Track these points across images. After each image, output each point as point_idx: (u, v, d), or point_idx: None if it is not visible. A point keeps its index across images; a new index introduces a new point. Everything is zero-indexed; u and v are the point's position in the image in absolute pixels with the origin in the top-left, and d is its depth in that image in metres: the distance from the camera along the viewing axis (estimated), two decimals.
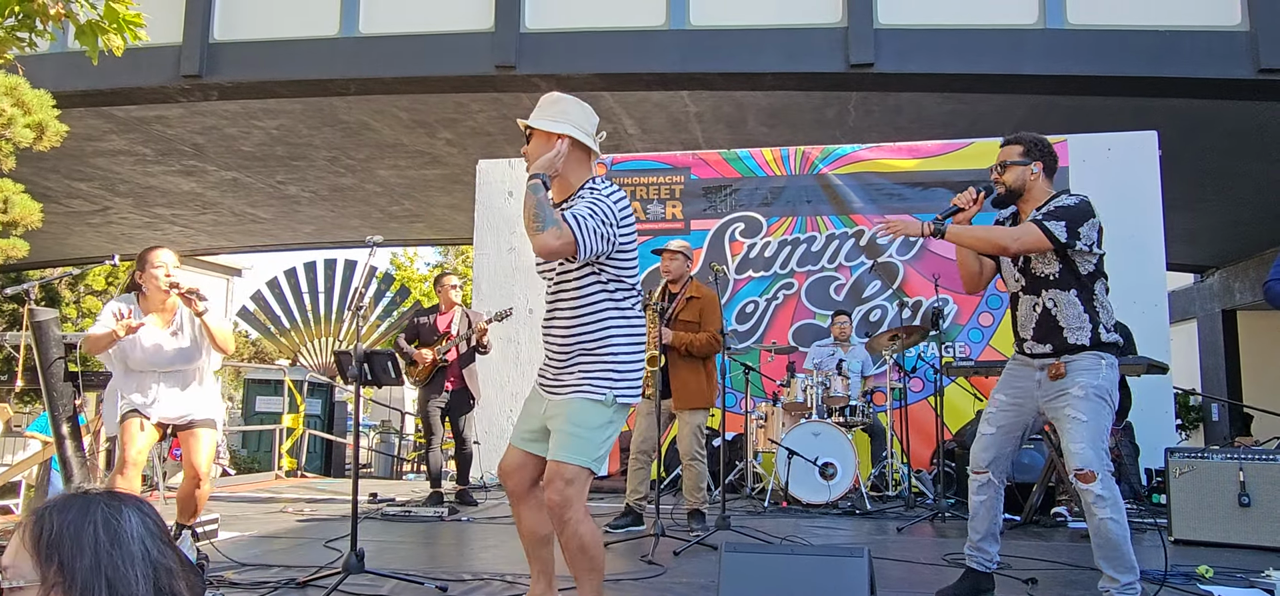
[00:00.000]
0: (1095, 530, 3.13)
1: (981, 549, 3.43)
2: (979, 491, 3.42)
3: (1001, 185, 3.38)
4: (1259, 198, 11.94)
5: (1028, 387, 3.34)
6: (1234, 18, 8.29)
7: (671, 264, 5.48)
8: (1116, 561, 3.10)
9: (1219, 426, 15.57)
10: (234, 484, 8.48)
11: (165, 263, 4.10)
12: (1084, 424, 3.10)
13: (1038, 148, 3.36)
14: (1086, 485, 3.08)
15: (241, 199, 13.55)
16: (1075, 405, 3.14)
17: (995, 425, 3.40)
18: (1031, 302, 3.30)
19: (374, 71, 9.24)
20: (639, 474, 5.43)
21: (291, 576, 3.87)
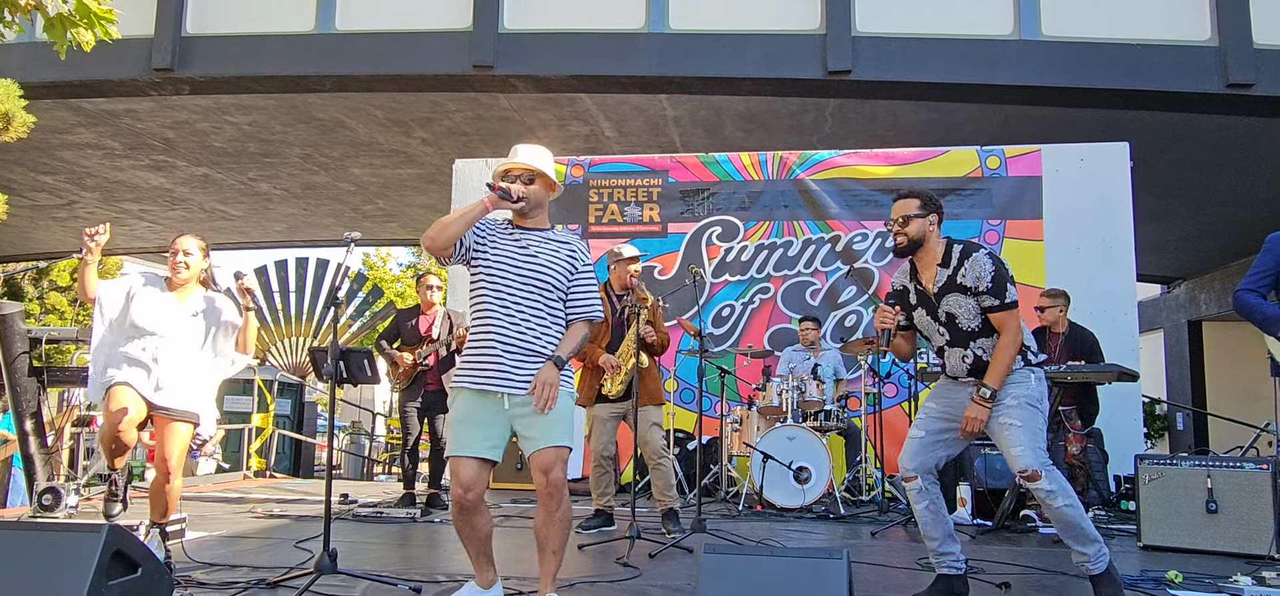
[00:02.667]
0: (1056, 517, 3.33)
1: (944, 553, 3.52)
2: (918, 498, 3.52)
3: (904, 237, 3.52)
4: (1225, 211, 12.16)
5: (960, 400, 3.49)
6: (1204, 33, 8.44)
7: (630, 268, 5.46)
8: (1081, 538, 3.33)
9: (1184, 435, 15.82)
10: (199, 484, 8.34)
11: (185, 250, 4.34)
12: (1020, 429, 3.32)
13: (932, 201, 3.56)
14: (1035, 482, 3.28)
15: (212, 195, 13.36)
16: (1009, 414, 3.35)
17: (924, 430, 3.55)
18: (960, 354, 3.49)
19: (350, 69, 9.15)
20: (604, 478, 5.42)
21: (262, 577, 3.80)
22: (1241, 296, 4.20)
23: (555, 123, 10.28)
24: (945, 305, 3.47)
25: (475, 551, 3.24)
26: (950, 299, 3.45)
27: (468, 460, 3.12)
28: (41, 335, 5.38)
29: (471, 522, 3.17)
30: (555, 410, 3.13)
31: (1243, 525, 4.73)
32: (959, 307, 3.43)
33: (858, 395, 7.21)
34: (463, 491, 3.11)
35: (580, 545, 4.84)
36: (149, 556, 3.05)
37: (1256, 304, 4.14)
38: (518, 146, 3.50)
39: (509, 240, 3.35)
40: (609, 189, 8.63)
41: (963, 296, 3.42)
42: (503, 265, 3.26)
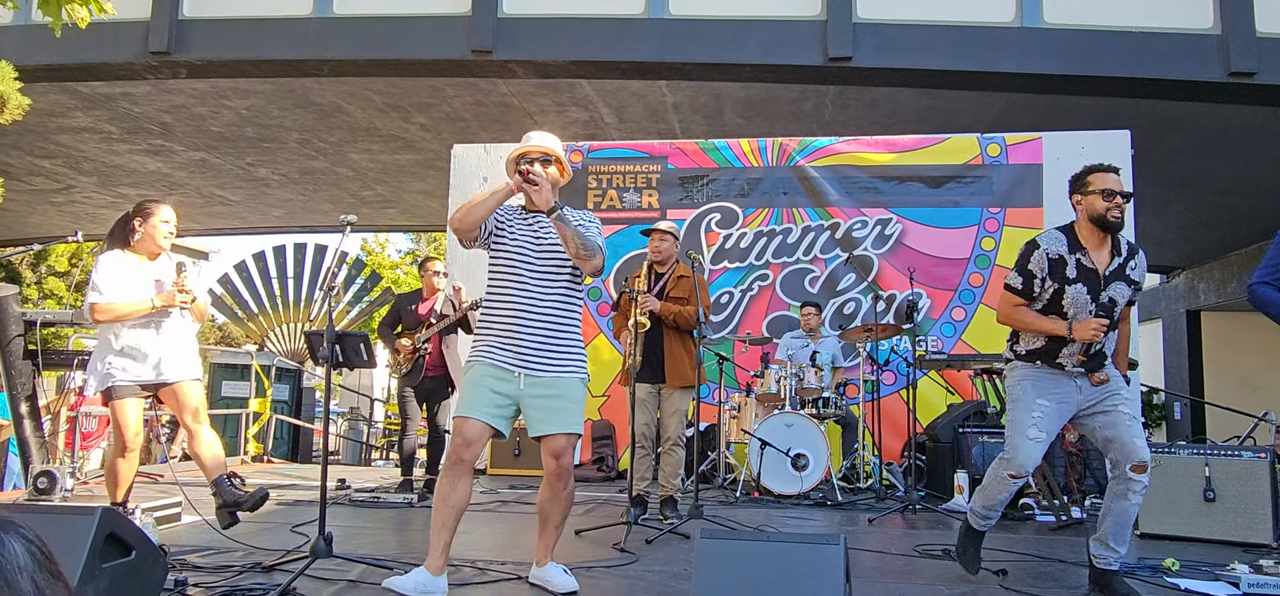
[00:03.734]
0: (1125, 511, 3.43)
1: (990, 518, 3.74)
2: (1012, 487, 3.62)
3: (1119, 212, 3.45)
4: (1225, 201, 12.13)
5: (1069, 393, 3.53)
6: (1206, 21, 8.40)
7: (661, 245, 5.47)
8: (1126, 537, 3.49)
9: (1182, 424, 15.84)
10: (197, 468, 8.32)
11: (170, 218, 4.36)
12: (1139, 423, 3.50)
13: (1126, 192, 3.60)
14: (1141, 475, 3.40)
15: (210, 180, 13.32)
16: (1129, 405, 3.53)
17: (1045, 432, 3.51)
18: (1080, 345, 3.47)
19: (347, 53, 9.09)
20: (645, 460, 5.37)
21: (257, 560, 3.79)
22: (1257, 289, 4.17)
23: (554, 108, 10.23)
24: (1111, 290, 3.47)
25: (441, 524, 3.26)
26: (1116, 286, 3.48)
27: (475, 420, 3.24)
28: (37, 318, 5.36)
29: (457, 484, 3.26)
30: (568, 397, 3.31)
31: (1240, 513, 4.73)
32: (1120, 296, 3.50)
33: (856, 382, 7.20)
34: (463, 445, 3.23)
35: (578, 531, 4.83)
36: (143, 539, 3.04)
37: (1270, 297, 4.10)
38: (532, 132, 3.59)
39: (524, 225, 3.45)
40: (608, 175, 8.60)
41: (1126, 287, 3.51)
42: (521, 248, 3.38)
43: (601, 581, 3.67)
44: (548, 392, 3.28)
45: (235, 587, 3.35)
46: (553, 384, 3.30)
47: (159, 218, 4.33)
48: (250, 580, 3.48)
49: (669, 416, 5.34)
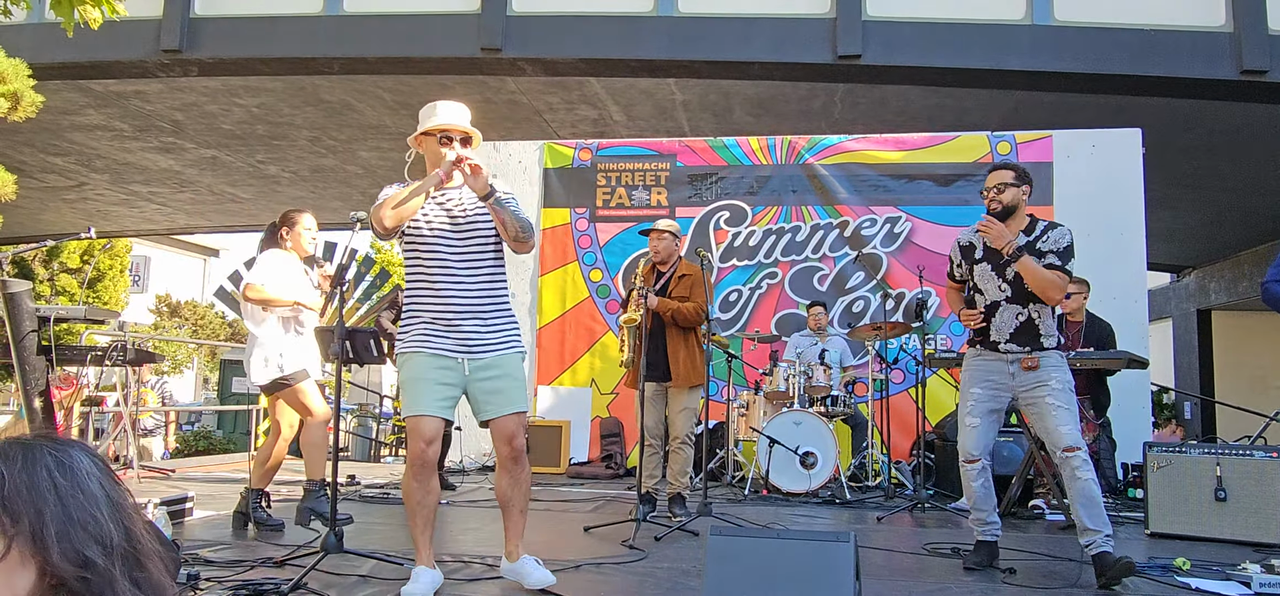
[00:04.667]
0: (1082, 491, 3.61)
1: (990, 522, 3.91)
2: (977, 476, 3.88)
3: (999, 204, 3.85)
4: (1236, 199, 12.06)
5: (1000, 378, 3.84)
6: (1218, 18, 8.35)
7: (660, 244, 5.46)
8: (1098, 515, 3.61)
9: (1192, 424, 15.76)
10: (209, 463, 8.38)
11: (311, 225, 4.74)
12: (1064, 410, 3.68)
13: (1025, 175, 3.92)
14: (1074, 456, 3.62)
15: (220, 177, 13.38)
16: (1055, 396, 3.70)
17: (978, 417, 3.87)
18: (1015, 311, 3.80)
19: (357, 51, 9.13)
20: (654, 458, 5.37)
21: (268, 555, 3.82)
22: (1271, 287, 4.18)
23: (563, 106, 10.25)
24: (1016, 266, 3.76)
25: (424, 522, 3.24)
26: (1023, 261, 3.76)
27: (428, 418, 3.16)
28: (50, 314, 5.39)
29: (427, 484, 3.22)
30: (512, 375, 3.25)
31: (1252, 513, 4.71)
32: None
33: (865, 381, 7.19)
34: (425, 445, 3.14)
35: (587, 527, 4.85)
36: (157, 533, 3.06)
37: None
38: (439, 104, 3.35)
39: (435, 206, 3.26)
40: (617, 173, 8.61)
41: (1036, 261, 3.73)
42: (438, 232, 3.22)
43: (611, 577, 3.68)
44: (492, 373, 3.21)
45: (247, 582, 3.37)
46: (496, 363, 3.23)
47: (303, 225, 4.69)
48: (262, 575, 3.50)
49: (676, 414, 5.33)
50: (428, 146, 3.32)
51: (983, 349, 3.88)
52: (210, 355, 21.23)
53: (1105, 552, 3.56)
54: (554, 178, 8.71)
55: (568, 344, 8.40)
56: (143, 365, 8.11)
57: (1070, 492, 3.68)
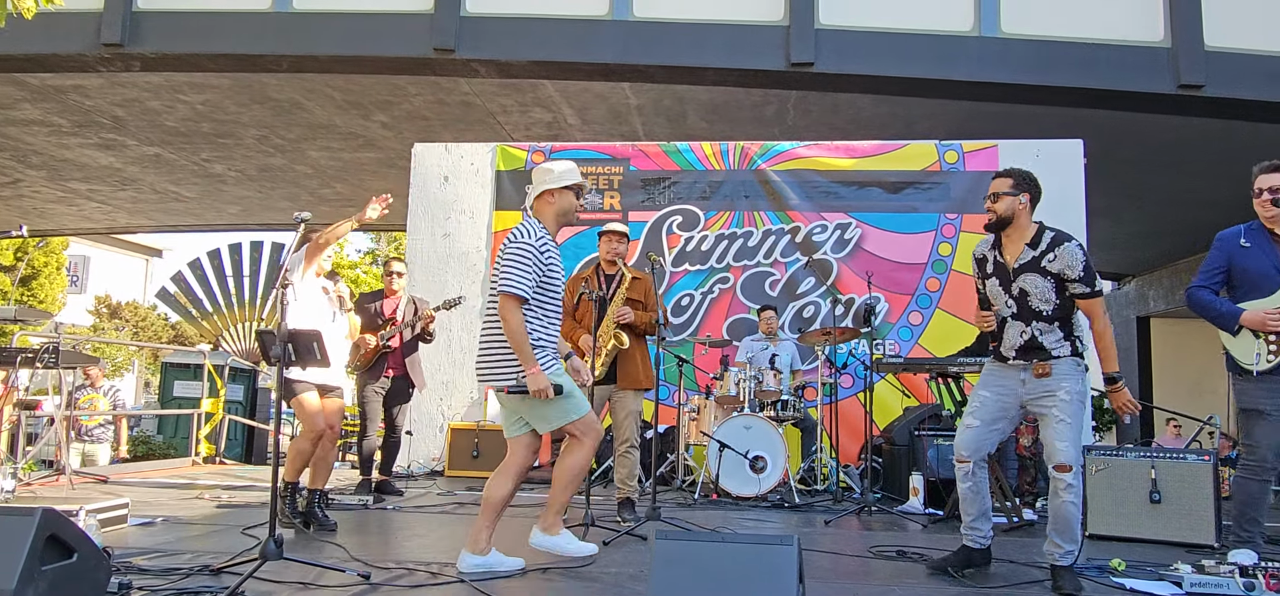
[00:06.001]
0: (1062, 509, 3.57)
1: (975, 527, 3.84)
2: (965, 479, 3.81)
3: (993, 214, 3.76)
4: (1174, 210, 12.42)
5: (1011, 385, 3.75)
6: (1157, 34, 8.60)
7: (619, 246, 5.47)
8: (1071, 534, 3.60)
9: (1131, 429, 16.18)
10: (148, 469, 8.15)
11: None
12: (1070, 425, 3.58)
13: (1026, 181, 3.77)
14: (1065, 475, 3.55)
15: (163, 176, 13.05)
16: (1063, 409, 3.60)
17: (980, 419, 3.78)
18: (1020, 328, 3.72)
19: (307, 49, 8.97)
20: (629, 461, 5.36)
21: (206, 563, 3.72)
22: (1195, 292, 4.28)
23: (517, 108, 10.19)
24: (1020, 281, 3.69)
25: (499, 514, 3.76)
26: (1027, 277, 3.67)
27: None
28: None
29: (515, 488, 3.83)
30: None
31: (1185, 515, 4.84)
32: (1033, 287, 3.66)
33: (814, 385, 7.25)
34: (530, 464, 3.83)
35: None
36: (85, 541, 2.97)
37: (1210, 301, 4.22)
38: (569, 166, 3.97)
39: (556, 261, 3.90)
40: None
41: (1042, 278, 3.64)
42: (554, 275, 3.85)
43: (557, 582, 3.65)
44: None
45: (182, 590, 3.28)
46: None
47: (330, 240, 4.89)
48: (197, 583, 3.41)
49: (622, 418, 5.32)
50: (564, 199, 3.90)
51: (996, 360, 3.83)
52: (152, 358, 20.71)
53: (1066, 567, 3.59)
54: (506, 180, 8.66)
55: None
56: (80, 367, 7.88)
57: (1050, 504, 3.66)
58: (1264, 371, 4.01)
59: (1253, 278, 4.12)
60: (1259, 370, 4.02)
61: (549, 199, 3.86)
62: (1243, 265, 4.15)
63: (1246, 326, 4.05)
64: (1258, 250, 4.12)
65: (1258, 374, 4.02)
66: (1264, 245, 4.12)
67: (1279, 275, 4.06)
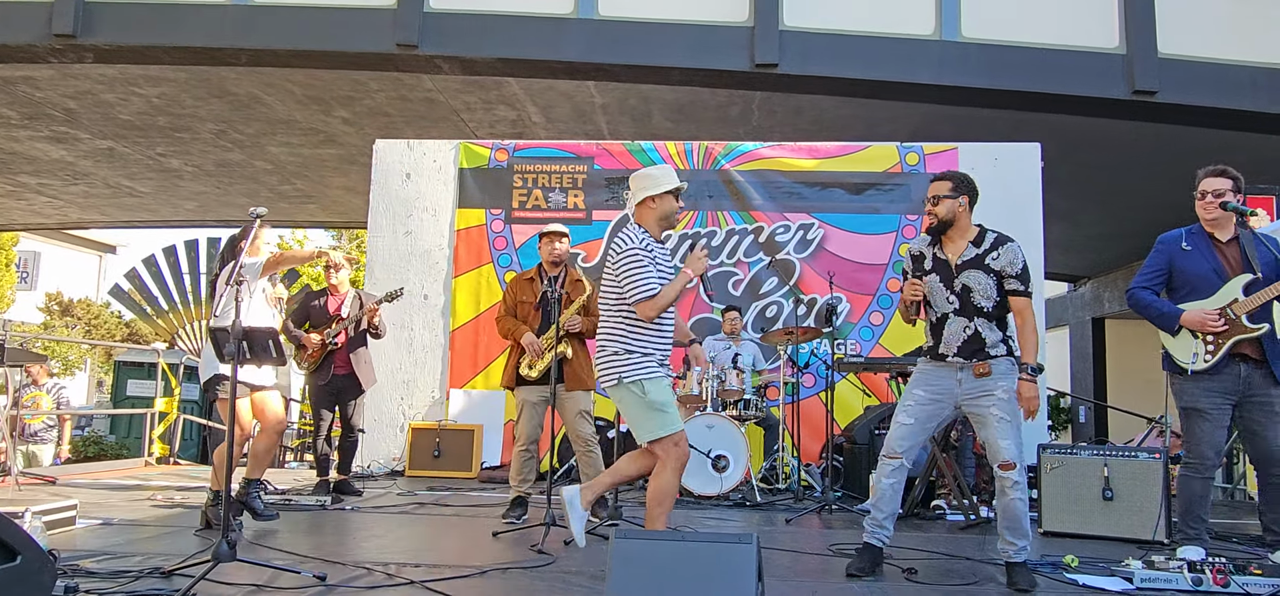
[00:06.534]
0: (1009, 507, 3.64)
1: (884, 526, 3.85)
2: (891, 474, 3.85)
3: (934, 217, 3.83)
4: (1129, 213, 12.68)
5: (947, 385, 3.79)
6: (1112, 40, 8.77)
7: (562, 246, 5.47)
8: (1020, 531, 3.65)
9: (1086, 428, 16.50)
10: (99, 470, 7.97)
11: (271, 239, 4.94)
12: (1010, 423, 3.66)
13: (964, 183, 3.84)
14: (1009, 473, 3.63)
15: (117, 170, 12.77)
16: (1001, 408, 3.66)
17: (913, 417, 3.83)
18: (962, 324, 3.76)
19: (266, 43, 8.82)
20: (529, 464, 5.35)
21: (156, 565, 3.64)
22: (1136, 293, 4.37)
23: (481, 106, 10.12)
24: (963, 278, 3.76)
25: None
26: (971, 274, 3.75)
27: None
28: None
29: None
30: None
31: (1136, 512, 4.94)
32: (976, 284, 3.73)
33: (776, 385, 7.28)
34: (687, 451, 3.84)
35: (495, 533, 4.78)
36: (30, 544, 2.89)
37: (1151, 301, 4.31)
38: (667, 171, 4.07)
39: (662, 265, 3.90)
40: (534, 174, 8.55)
41: (985, 275, 3.72)
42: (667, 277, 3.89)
43: (517, 582, 3.63)
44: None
45: (131, 594, 3.21)
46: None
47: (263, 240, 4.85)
48: (147, 586, 3.34)
49: (573, 418, 5.29)
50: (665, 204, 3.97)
51: (932, 360, 3.86)
52: (105, 356, 20.27)
53: (1020, 563, 3.64)
54: (469, 178, 8.59)
55: (481, 347, 8.28)
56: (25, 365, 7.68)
57: (999, 503, 3.70)
58: (1200, 371, 4.10)
59: (1193, 280, 4.21)
60: (1195, 369, 4.10)
61: (650, 204, 3.93)
62: (1183, 267, 4.24)
63: (1187, 327, 4.14)
64: (1198, 253, 4.21)
65: (1192, 373, 4.11)
66: (1204, 248, 4.22)
67: (1218, 278, 4.15)
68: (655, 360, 3.82)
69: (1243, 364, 4.08)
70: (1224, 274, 4.15)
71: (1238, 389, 4.09)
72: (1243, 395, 4.10)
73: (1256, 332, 4.04)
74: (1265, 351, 4.06)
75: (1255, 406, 4.10)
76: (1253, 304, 4.02)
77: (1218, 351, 4.07)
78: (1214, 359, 4.07)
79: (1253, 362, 4.08)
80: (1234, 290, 4.09)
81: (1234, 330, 4.05)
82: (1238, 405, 4.13)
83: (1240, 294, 4.07)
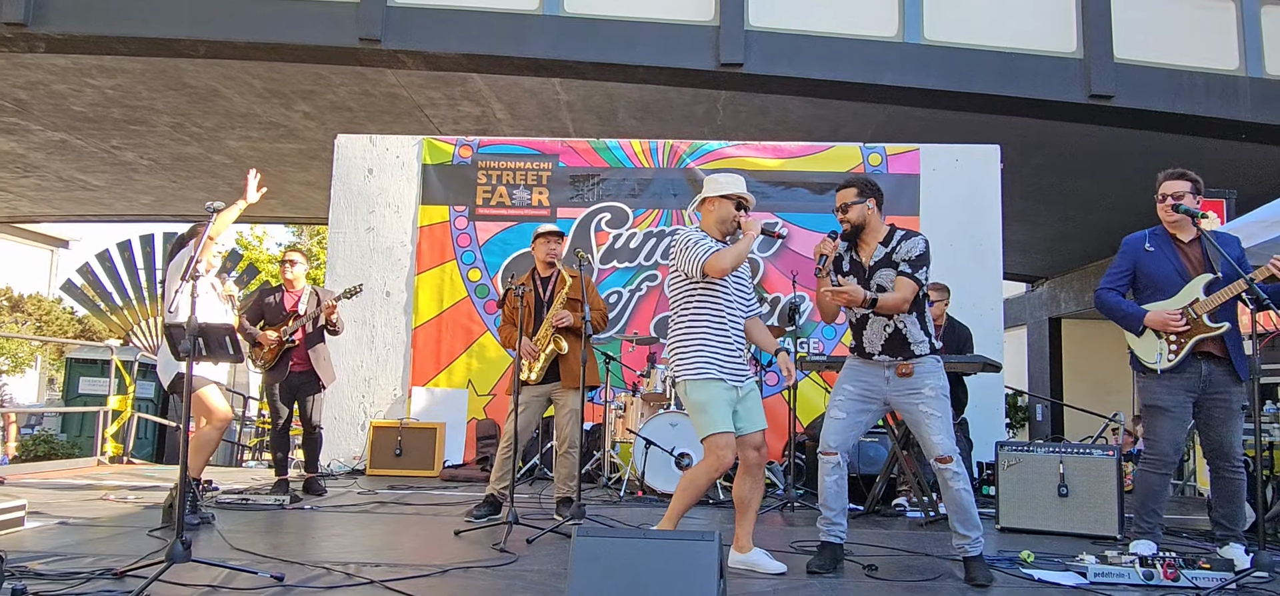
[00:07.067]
0: (954, 498, 3.72)
1: (836, 522, 3.92)
2: (832, 471, 3.92)
3: (848, 223, 3.94)
4: (1085, 215, 12.93)
5: (875, 382, 3.90)
6: (1070, 45, 8.94)
7: (556, 246, 5.46)
8: (969, 521, 3.71)
9: (1043, 425, 16.80)
10: (49, 469, 7.78)
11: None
12: (939, 418, 3.75)
13: (869, 187, 3.96)
14: (946, 465, 3.71)
15: (70, 163, 12.49)
16: (930, 404, 3.77)
17: (844, 412, 3.93)
18: (882, 324, 3.86)
19: (226, 34, 8.69)
20: (510, 461, 5.31)
21: (108, 566, 3.56)
22: (1102, 295, 4.44)
23: (445, 102, 10.05)
24: (877, 278, 3.87)
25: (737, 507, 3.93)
26: (883, 273, 3.86)
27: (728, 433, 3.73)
28: None
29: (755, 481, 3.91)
30: (758, 399, 3.92)
31: (1091, 508, 5.03)
32: (889, 282, 3.83)
33: None
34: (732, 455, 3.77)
35: (457, 532, 4.74)
36: None
37: (1117, 302, 4.38)
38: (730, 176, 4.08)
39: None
40: (498, 171, 8.49)
41: (894, 272, 3.82)
42: (737, 280, 3.94)
43: (479, 581, 3.60)
44: (750, 397, 3.87)
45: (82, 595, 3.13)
46: (752, 390, 3.90)
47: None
48: (98, 587, 3.26)
49: (564, 418, 5.33)
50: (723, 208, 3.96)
51: (859, 357, 3.95)
52: (57, 353, 19.79)
53: (975, 557, 3.70)
54: (433, 174, 8.52)
55: (444, 344, 8.22)
56: None
57: (945, 499, 3.78)
58: (1166, 370, 4.18)
59: (1156, 281, 4.29)
60: (1161, 368, 4.19)
61: (710, 206, 3.99)
62: (1147, 269, 4.32)
63: (1150, 327, 4.22)
64: (1161, 254, 4.30)
65: (1161, 373, 4.19)
66: (1167, 250, 4.30)
67: (1180, 278, 4.24)
68: (708, 360, 3.80)
69: (1205, 362, 4.17)
70: (1186, 274, 4.23)
71: (1199, 386, 4.18)
72: (1203, 392, 4.18)
73: (1218, 331, 4.12)
74: (1228, 349, 4.15)
75: (1215, 403, 4.18)
76: (1213, 303, 4.11)
77: (1181, 350, 4.15)
78: (1178, 358, 4.15)
79: (1214, 360, 4.16)
80: (1195, 290, 4.18)
81: (1196, 329, 4.14)
82: (1198, 401, 4.21)
83: (1201, 294, 4.16)
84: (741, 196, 3.98)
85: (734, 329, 3.87)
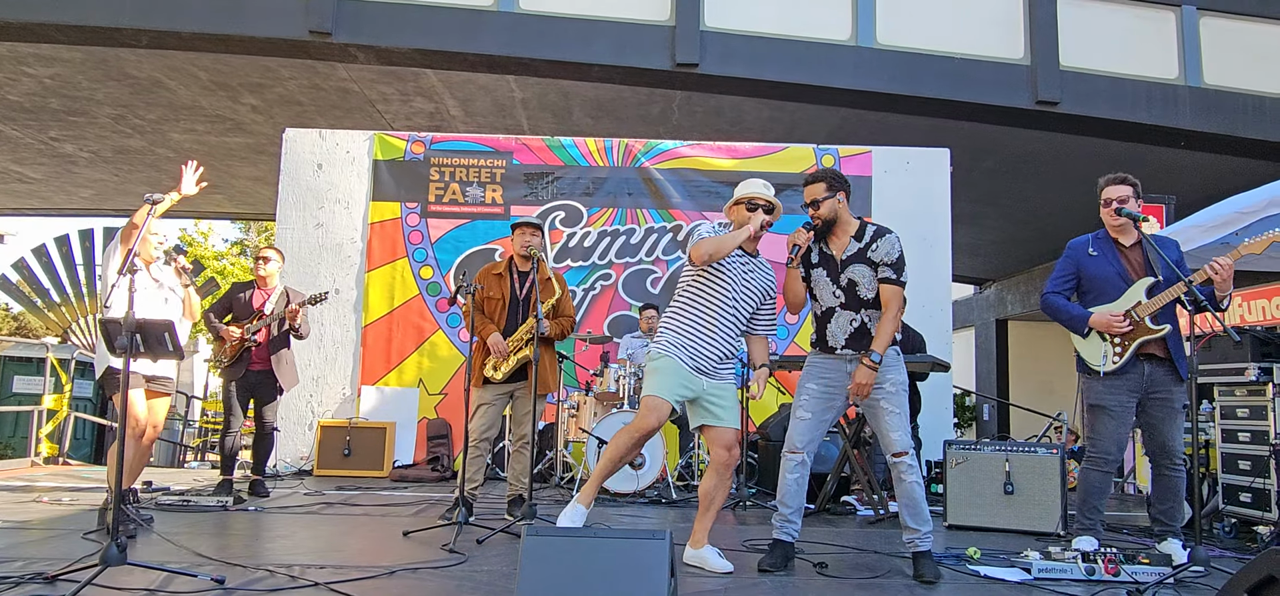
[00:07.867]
0: (906, 492, 3.79)
1: (791, 521, 3.94)
2: (795, 469, 3.94)
3: (819, 218, 3.92)
4: (1031, 218, 13.20)
5: (837, 377, 3.92)
6: (1017, 51, 9.11)
7: (533, 239, 5.30)
8: (919, 516, 3.77)
9: (989, 425, 17.12)
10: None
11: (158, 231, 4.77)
12: (897, 414, 3.81)
13: (838, 180, 3.96)
14: (902, 460, 3.79)
15: (6, 155, 12.06)
16: (889, 400, 3.82)
17: (810, 412, 3.96)
18: (849, 317, 3.90)
19: (170, 24, 8.45)
20: (478, 462, 5.23)
21: (40, 570, 3.43)
22: (1048, 298, 4.52)
23: (398, 97, 9.91)
24: (849, 273, 3.89)
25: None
26: (856, 268, 3.88)
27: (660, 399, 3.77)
28: None
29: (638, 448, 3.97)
30: (733, 398, 3.94)
31: (1035, 505, 5.13)
32: (861, 277, 3.86)
33: None
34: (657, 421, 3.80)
35: (406, 532, 4.67)
36: None
37: (1062, 305, 4.46)
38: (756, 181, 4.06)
39: (738, 262, 3.94)
40: (451, 168, 8.40)
41: (868, 268, 3.85)
42: (734, 281, 3.90)
43: (427, 582, 3.54)
44: (720, 394, 3.88)
45: None
46: (724, 388, 3.91)
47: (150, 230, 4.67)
48: (28, 592, 3.14)
49: (522, 415, 5.28)
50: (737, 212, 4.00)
51: (821, 352, 3.98)
52: None
53: (923, 552, 3.74)
54: (384, 170, 8.40)
55: (395, 343, 8.10)
56: None
57: (897, 492, 3.83)
58: (1110, 371, 4.27)
59: (1099, 284, 4.38)
60: (1105, 370, 4.27)
61: (733, 210, 4.05)
62: (1091, 272, 4.41)
63: (1095, 329, 4.31)
64: (1104, 258, 4.39)
65: (1104, 374, 4.28)
66: (1110, 254, 4.39)
67: (1123, 281, 4.33)
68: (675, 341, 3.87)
69: (1147, 363, 4.26)
70: (1128, 277, 4.32)
71: (1142, 387, 4.27)
72: (1145, 392, 4.27)
73: (1160, 333, 4.22)
74: (1170, 350, 4.24)
75: (1157, 402, 4.27)
76: (1155, 306, 4.21)
77: (1125, 352, 4.24)
78: (1122, 359, 4.24)
79: (1156, 361, 4.26)
80: (1137, 293, 4.27)
81: (1139, 331, 4.23)
82: (1141, 402, 4.30)
83: (1143, 296, 4.25)
84: (753, 198, 3.99)
85: (720, 323, 3.88)
